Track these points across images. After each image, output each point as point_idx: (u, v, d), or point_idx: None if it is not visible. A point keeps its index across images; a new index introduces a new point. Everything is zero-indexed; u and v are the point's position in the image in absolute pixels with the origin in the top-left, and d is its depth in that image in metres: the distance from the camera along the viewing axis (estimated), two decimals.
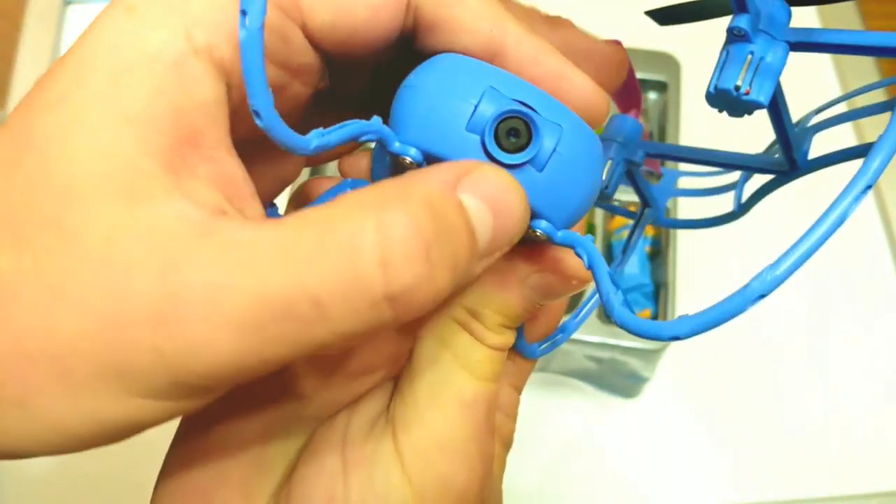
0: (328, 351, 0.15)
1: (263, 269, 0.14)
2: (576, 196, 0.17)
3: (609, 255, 0.55)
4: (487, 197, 0.15)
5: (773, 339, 0.55)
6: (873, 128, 0.59)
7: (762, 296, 0.13)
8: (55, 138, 0.15)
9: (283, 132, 0.15)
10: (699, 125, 0.52)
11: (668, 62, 0.58)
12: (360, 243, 0.14)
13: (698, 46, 0.52)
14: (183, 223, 0.14)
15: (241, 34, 0.13)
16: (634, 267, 0.53)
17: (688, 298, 0.52)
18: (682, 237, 0.54)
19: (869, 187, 0.12)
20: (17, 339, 0.14)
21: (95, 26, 0.16)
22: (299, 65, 0.18)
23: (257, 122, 0.15)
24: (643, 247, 0.54)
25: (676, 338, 0.14)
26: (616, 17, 0.66)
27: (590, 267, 0.17)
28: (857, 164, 0.16)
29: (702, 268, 0.56)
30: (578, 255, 0.17)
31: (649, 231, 0.55)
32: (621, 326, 0.16)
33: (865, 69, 0.66)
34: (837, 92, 0.66)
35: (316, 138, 0.16)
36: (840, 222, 0.12)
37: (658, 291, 0.52)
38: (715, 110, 0.17)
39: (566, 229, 0.18)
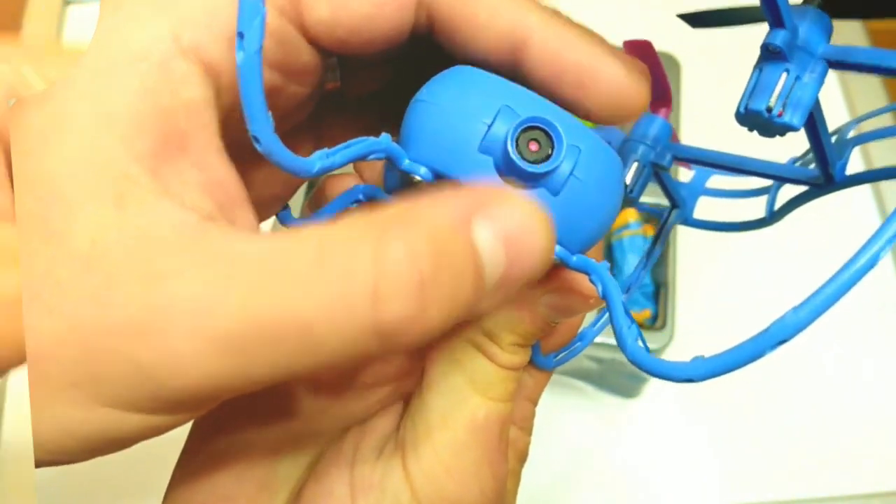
0: (314, 374, 0.14)
1: (253, 287, 0.13)
2: (592, 221, 0.17)
3: (609, 256, 0.54)
4: (505, 234, 0.14)
5: None
6: (878, 147, 0.59)
7: (783, 341, 0.12)
8: (39, 137, 0.14)
9: (284, 156, 0.14)
10: (699, 125, 0.52)
11: (668, 62, 0.58)
12: (355, 271, 0.13)
13: (698, 46, 0.52)
14: (171, 229, 0.14)
15: (238, 57, 0.13)
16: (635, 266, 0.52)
17: (688, 298, 0.52)
18: (683, 237, 0.54)
19: None
20: None
21: (93, 25, 0.15)
22: (296, 66, 0.17)
23: (257, 146, 0.14)
24: (643, 246, 0.54)
25: (690, 380, 0.13)
26: (617, 17, 0.66)
27: (604, 297, 0.16)
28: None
29: (702, 268, 0.56)
30: (593, 283, 0.17)
31: (649, 231, 0.55)
32: (634, 364, 0.15)
33: (870, 80, 0.65)
34: (841, 103, 0.65)
35: (319, 160, 0.15)
36: (870, 266, 0.11)
37: (658, 291, 0.52)
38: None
39: (581, 254, 0.17)
